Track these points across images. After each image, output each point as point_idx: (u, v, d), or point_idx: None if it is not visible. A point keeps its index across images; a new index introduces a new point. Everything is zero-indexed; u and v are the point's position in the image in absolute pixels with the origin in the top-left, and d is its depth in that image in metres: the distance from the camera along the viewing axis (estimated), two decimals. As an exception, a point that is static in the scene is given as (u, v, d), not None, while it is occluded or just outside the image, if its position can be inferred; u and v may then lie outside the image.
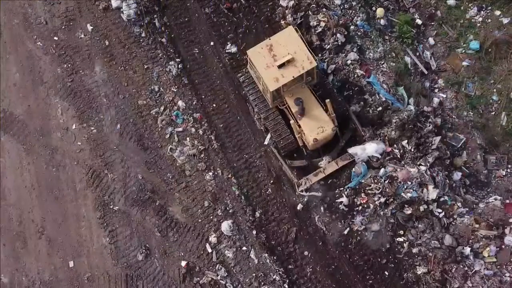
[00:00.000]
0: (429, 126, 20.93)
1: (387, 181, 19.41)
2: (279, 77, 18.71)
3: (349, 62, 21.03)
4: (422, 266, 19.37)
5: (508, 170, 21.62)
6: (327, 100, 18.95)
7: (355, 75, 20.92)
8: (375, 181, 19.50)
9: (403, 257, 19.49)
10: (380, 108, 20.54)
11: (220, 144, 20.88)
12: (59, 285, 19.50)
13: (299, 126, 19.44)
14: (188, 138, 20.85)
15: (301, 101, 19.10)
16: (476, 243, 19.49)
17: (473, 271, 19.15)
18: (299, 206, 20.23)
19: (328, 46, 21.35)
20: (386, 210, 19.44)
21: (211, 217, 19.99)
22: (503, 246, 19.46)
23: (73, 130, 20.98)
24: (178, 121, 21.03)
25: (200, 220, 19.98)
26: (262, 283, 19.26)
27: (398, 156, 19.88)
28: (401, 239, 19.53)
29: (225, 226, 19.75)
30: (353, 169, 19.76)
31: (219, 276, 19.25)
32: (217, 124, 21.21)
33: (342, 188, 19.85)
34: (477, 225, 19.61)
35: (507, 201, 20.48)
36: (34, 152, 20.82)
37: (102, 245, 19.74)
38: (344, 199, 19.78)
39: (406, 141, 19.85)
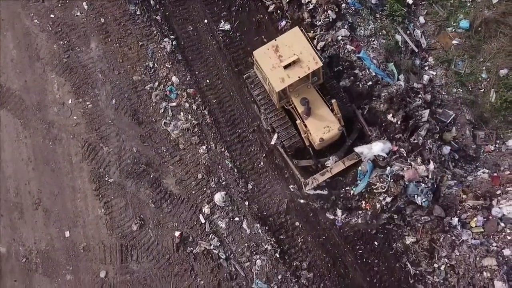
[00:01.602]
0: (419, 101, 21.29)
1: (393, 180, 19.46)
2: (285, 77, 18.81)
3: (339, 38, 21.38)
4: (411, 236, 19.72)
5: (497, 146, 21.95)
6: (333, 100, 19.09)
7: (345, 51, 21.27)
8: (381, 180, 19.61)
9: (392, 227, 19.85)
10: (370, 83, 20.86)
11: (213, 119, 21.27)
12: (55, 255, 19.88)
13: (305, 126, 19.52)
14: (182, 113, 21.23)
15: (307, 101, 19.17)
16: (464, 214, 19.84)
17: (460, 241, 19.49)
18: (292, 187, 20.62)
19: (319, 23, 21.72)
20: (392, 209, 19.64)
21: (205, 189, 20.36)
22: (490, 217, 19.78)
23: (69, 105, 21.37)
24: (172, 96, 21.42)
25: (193, 192, 20.35)
26: (254, 252, 19.63)
27: (405, 155, 19.99)
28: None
29: (218, 197, 20.13)
30: (359, 167, 19.93)
31: (212, 246, 19.61)
32: (210, 100, 21.60)
33: (348, 188, 20.09)
34: (464, 196, 19.98)
35: (495, 174, 20.82)
36: (31, 126, 21.22)
37: (98, 216, 20.12)
38: (338, 214, 20.05)
39: (391, 114, 20.10)
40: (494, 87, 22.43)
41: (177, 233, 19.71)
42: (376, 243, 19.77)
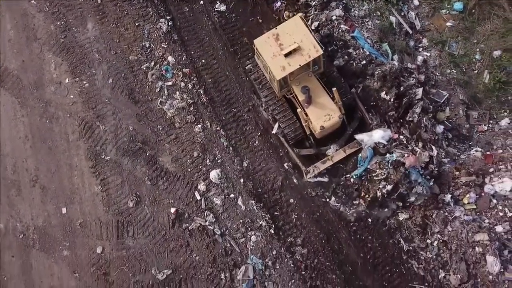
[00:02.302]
0: (412, 80, 21.47)
1: (392, 166, 19.50)
2: (285, 65, 18.82)
3: (333, 18, 21.57)
4: (404, 213, 19.93)
5: (490, 125, 22.12)
6: (334, 88, 19.14)
7: (340, 30, 21.46)
8: (381, 166, 19.67)
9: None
10: (364, 62, 21.04)
11: (208, 98, 21.49)
12: (52, 231, 20.12)
13: (306, 114, 19.58)
14: (177, 92, 21.45)
15: (307, 89, 19.24)
16: (457, 191, 20.03)
17: (453, 217, 19.68)
18: (287, 164, 20.83)
19: (314, 3, 21.90)
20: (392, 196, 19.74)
21: (200, 167, 20.57)
22: (482, 194, 19.96)
23: (66, 84, 21.60)
24: (168, 75, 21.64)
25: (189, 170, 20.56)
26: (249, 228, 19.83)
27: (405, 142, 20.08)
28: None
29: (214, 174, 20.35)
30: (359, 154, 20.00)
31: (207, 222, 19.82)
32: (206, 79, 21.82)
33: (348, 175, 20.15)
34: (457, 173, 20.18)
35: (488, 152, 21.00)
36: (28, 105, 21.46)
37: (94, 192, 20.35)
38: (332, 200, 20.21)
39: (384, 92, 20.28)
40: (488, 68, 22.58)
41: (172, 210, 19.91)
42: (369, 219, 19.94)
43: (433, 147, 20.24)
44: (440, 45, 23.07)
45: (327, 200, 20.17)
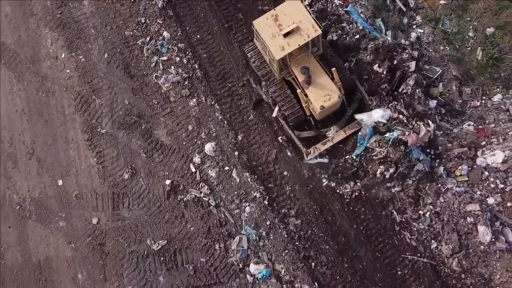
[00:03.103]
0: (405, 55, 21.65)
1: (392, 145, 19.49)
2: (285, 45, 18.87)
3: (327, -8, 21.76)
4: (396, 185, 20.10)
5: (482, 101, 22.28)
6: (333, 69, 19.25)
7: (333, 5, 21.63)
8: (380, 145, 19.70)
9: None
10: (357, 36, 21.20)
11: (203, 72, 21.67)
12: (48, 202, 20.32)
13: (306, 95, 19.69)
14: (172, 67, 21.64)
15: (307, 68, 19.36)
16: (449, 163, 20.22)
17: (445, 189, 19.86)
18: (281, 138, 21.02)
19: (308, -22, 22.09)
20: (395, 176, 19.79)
21: (195, 140, 20.78)
22: (474, 166, 20.15)
23: (62, 59, 21.80)
24: (163, 50, 21.83)
25: (184, 143, 20.77)
26: (243, 200, 20.04)
27: (405, 121, 20.11)
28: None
29: (209, 147, 20.55)
30: (359, 133, 20.07)
31: (202, 194, 20.03)
32: (200, 54, 22.00)
33: (348, 156, 20.23)
34: (450, 145, 20.37)
35: (480, 126, 21.18)
36: (25, 79, 21.65)
37: (90, 165, 20.55)
38: (324, 181, 20.28)
39: (377, 64, 20.43)
40: (481, 45, 22.72)
41: (168, 182, 20.11)
42: (362, 192, 20.13)
43: (429, 122, 20.34)
44: (434, 23, 23.22)
45: (326, 182, 20.23)
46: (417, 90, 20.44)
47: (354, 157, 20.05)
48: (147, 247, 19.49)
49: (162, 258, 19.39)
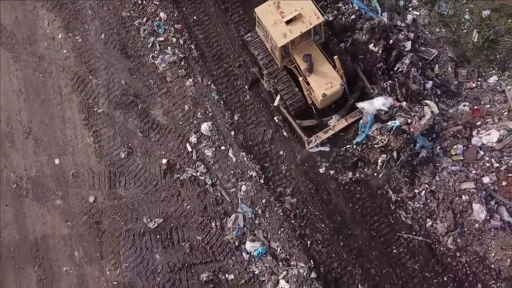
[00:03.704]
0: (401, 36, 21.73)
1: (394, 133, 19.49)
2: (287, 32, 18.86)
3: (323, -27, 21.82)
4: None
5: (478, 83, 22.39)
6: (335, 57, 19.25)
7: (329, -15, 21.74)
8: (381, 132, 19.72)
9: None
10: (353, 17, 21.30)
11: (200, 53, 21.73)
12: (45, 181, 20.39)
13: (308, 83, 19.69)
14: (169, 47, 21.69)
15: (309, 55, 19.35)
16: (444, 142, 20.30)
17: (442, 167, 19.93)
18: (277, 118, 21.09)
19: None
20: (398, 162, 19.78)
21: (191, 120, 20.84)
22: (470, 146, 20.25)
23: (59, 39, 21.86)
24: (159, 31, 21.89)
25: (180, 123, 20.83)
26: (240, 179, 20.10)
27: (407, 108, 20.12)
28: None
29: (205, 127, 20.61)
30: (360, 121, 20.07)
31: (198, 173, 20.09)
32: (197, 35, 22.05)
33: (349, 146, 20.25)
34: (445, 124, 20.45)
35: (475, 107, 21.28)
36: (22, 59, 21.73)
37: (87, 144, 20.62)
38: (322, 169, 20.30)
39: (372, 44, 20.49)
40: (477, 27, 22.84)
41: (164, 161, 20.17)
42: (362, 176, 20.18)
43: (430, 102, 20.35)
44: (430, 5, 23.35)
45: (325, 171, 20.24)
46: (412, 69, 20.50)
47: (355, 146, 20.08)
48: (144, 225, 19.55)
49: (158, 236, 19.45)
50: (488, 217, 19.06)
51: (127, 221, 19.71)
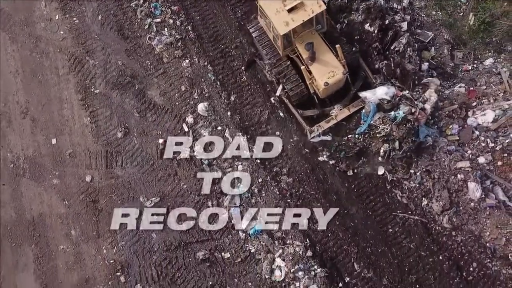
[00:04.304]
0: (398, 17, 21.77)
1: (397, 123, 19.48)
2: (289, 21, 18.85)
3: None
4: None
5: (474, 65, 22.46)
6: (337, 45, 19.28)
7: (324, -33, 21.71)
8: (384, 121, 19.71)
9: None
10: (349, -3, 21.40)
11: (196, 34, 21.78)
12: (42, 160, 20.48)
13: (310, 72, 19.64)
14: (166, 29, 21.76)
15: (311, 44, 19.33)
16: (440, 122, 20.37)
17: (439, 147, 19.96)
18: (273, 99, 21.15)
19: None
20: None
21: (188, 100, 20.90)
22: (465, 126, 20.35)
23: (56, 21, 21.94)
24: (156, 12, 21.97)
25: (177, 103, 20.89)
26: (236, 159, 20.17)
27: (410, 97, 20.05)
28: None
29: (201, 107, 20.68)
30: (363, 110, 20.06)
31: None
32: (194, 16, 22.10)
33: (351, 135, 20.25)
34: (441, 103, 20.51)
35: (471, 88, 21.35)
36: (19, 40, 21.80)
37: (84, 124, 20.71)
38: (323, 157, 20.29)
39: (368, 24, 20.52)
40: (473, 10, 22.88)
41: (161, 141, 20.25)
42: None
43: (429, 79, 20.38)
44: (426, -13, 23.40)
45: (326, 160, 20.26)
46: (408, 49, 20.55)
47: (357, 136, 20.08)
48: (140, 204, 19.62)
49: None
50: (483, 196, 19.12)
51: (124, 200, 19.79)
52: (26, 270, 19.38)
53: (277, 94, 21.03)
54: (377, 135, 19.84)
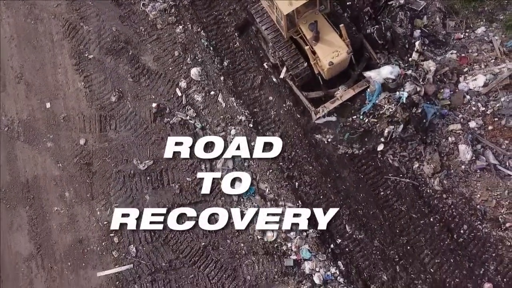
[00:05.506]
0: (389, -16, 21.92)
1: (401, 103, 19.41)
2: (292, 0, 18.78)
3: None
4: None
5: (466, 34, 22.56)
6: (341, 25, 19.17)
7: None
8: (389, 101, 19.66)
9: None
10: (340, -36, 21.45)
11: (190, 1, 21.89)
12: (36, 124, 20.62)
13: (314, 52, 19.50)
14: (160, -5, 21.93)
15: (315, 24, 19.22)
16: (431, 86, 20.46)
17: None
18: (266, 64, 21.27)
19: None
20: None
21: (181, 65, 21.04)
22: (456, 90, 20.50)
23: (51, -14, 22.07)
24: (150, -21, 22.10)
25: (170, 68, 21.03)
26: (229, 124, 20.32)
27: (416, 76, 20.03)
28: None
29: (194, 72, 20.81)
30: (368, 90, 19.99)
31: (188, 117, 20.31)
32: (187, -17, 22.25)
33: (355, 116, 20.18)
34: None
35: (463, 55, 21.47)
36: (13, 6, 21.93)
37: (78, 89, 20.84)
38: (318, 137, 20.35)
39: None
40: (466, -20, 22.99)
41: (154, 105, 20.40)
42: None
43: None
44: (418, -43, 23.45)
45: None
46: (400, 13, 20.65)
47: (362, 116, 20.03)
48: (134, 167, 19.79)
49: (148, 178, 19.68)
50: (474, 158, 19.28)
51: (118, 163, 19.93)
52: (20, 231, 19.53)
53: (281, 76, 20.95)
54: (383, 115, 19.82)
